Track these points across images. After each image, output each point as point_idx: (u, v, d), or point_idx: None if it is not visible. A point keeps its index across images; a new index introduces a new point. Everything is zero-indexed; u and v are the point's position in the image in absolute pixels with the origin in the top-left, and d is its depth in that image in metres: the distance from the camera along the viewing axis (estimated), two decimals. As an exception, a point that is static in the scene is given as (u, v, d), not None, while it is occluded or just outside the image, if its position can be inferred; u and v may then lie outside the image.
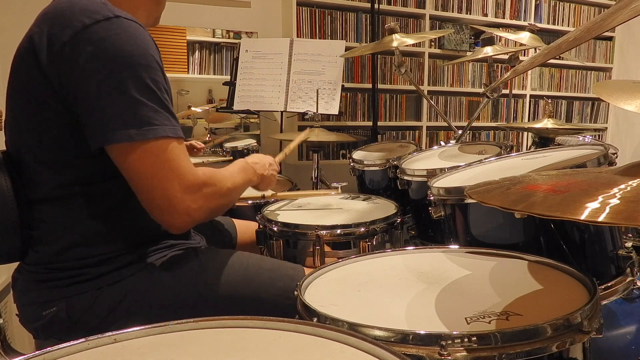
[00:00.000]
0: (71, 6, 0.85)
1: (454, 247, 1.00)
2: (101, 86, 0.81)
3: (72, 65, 0.81)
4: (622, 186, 0.51)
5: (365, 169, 1.89)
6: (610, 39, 4.05)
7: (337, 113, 2.51)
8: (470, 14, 3.44)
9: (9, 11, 2.28)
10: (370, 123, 3.09)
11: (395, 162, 1.68)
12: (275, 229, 1.26)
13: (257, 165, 1.16)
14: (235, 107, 2.56)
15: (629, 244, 0.99)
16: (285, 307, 0.94)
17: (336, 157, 3.16)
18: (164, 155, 0.84)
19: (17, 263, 0.97)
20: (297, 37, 2.89)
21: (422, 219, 1.44)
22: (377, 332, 0.62)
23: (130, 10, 0.91)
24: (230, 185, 0.98)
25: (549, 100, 1.91)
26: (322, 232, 1.20)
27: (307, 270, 1.04)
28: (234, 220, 1.44)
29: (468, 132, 2.64)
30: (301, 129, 2.64)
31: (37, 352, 0.54)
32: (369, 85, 3.08)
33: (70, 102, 0.84)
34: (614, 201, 0.48)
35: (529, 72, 3.67)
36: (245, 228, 1.43)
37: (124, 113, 0.81)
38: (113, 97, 0.81)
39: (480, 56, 2.07)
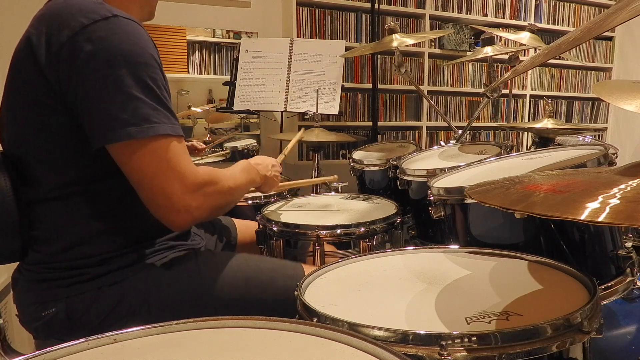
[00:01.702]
0: (68, 7, 0.85)
1: (454, 247, 1.00)
2: (100, 85, 0.81)
3: (71, 65, 0.81)
4: (622, 186, 0.51)
5: (365, 169, 1.89)
6: (610, 39, 4.05)
7: (337, 113, 2.51)
8: (470, 14, 3.44)
9: (8, 11, 2.28)
10: (370, 123, 3.09)
11: (395, 162, 1.68)
12: (275, 229, 1.26)
13: (260, 166, 1.17)
14: (235, 107, 2.56)
15: (629, 244, 0.99)
16: (286, 307, 0.94)
17: (336, 157, 3.16)
18: (164, 154, 0.84)
19: (17, 263, 0.97)
20: (297, 37, 2.88)
21: (422, 219, 1.44)
22: (377, 332, 0.62)
23: (122, 3, 0.92)
24: (232, 185, 0.98)
25: (549, 100, 1.91)
26: (322, 232, 1.20)
27: (306, 269, 1.04)
28: (234, 220, 1.44)
29: (468, 132, 2.64)
30: (301, 128, 2.64)
31: (37, 352, 0.54)
32: (369, 85, 3.08)
33: (69, 102, 0.84)
34: (614, 201, 0.47)
35: (529, 72, 3.67)
36: (245, 228, 1.43)
37: (123, 111, 0.81)
38: (112, 96, 0.81)
39: (480, 56, 2.07)
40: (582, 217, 0.46)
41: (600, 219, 0.45)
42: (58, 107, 0.85)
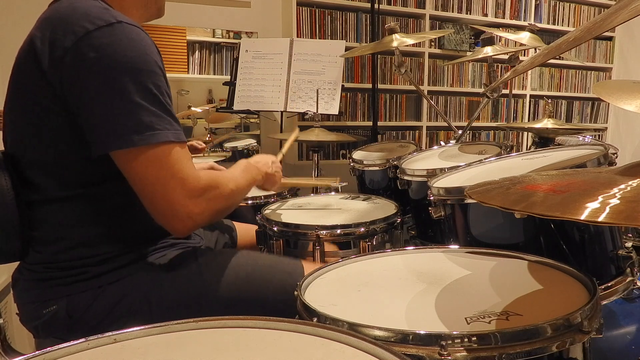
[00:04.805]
0: (73, 11, 0.84)
1: (454, 247, 1.00)
2: (103, 92, 0.81)
3: (74, 71, 0.82)
4: (622, 186, 0.51)
5: (365, 169, 1.89)
6: (610, 39, 4.05)
7: (337, 113, 2.51)
8: (470, 14, 3.44)
9: (8, 11, 2.28)
10: (370, 123, 3.09)
11: (395, 162, 1.68)
12: (275, 229, 1.26)
13: (260, 163, 1.17)
14: (235, 107, 2.55)
15: (629, 244, 0.99)
16: (285, 303, 0.94)
17: (336, 157, 3.16)
18: (166, 161, 0.84)
19: (17, 262, 0.97)
20: (297, 37, 2.88)
21: (422, 219, 1.44)
22: (377, 332, 0.62)
23: (125, 5, 0.92)
24: (233, 187, 0.98)
25: (549, 100, 1.91)
26: (322, 232, 1.20)
27: (305, 265, 1.04)
28: (234, 222, 1.44)
29: (468, 132, 2.64)
30: (301, 129, 2.64)
31: (37, 352, 0.54)
32: (369, 85, 3.08)
33: (72, 107, 0.84)
34: (614, 201, 0.47)
35: (529, 72, 3.67)
36: (245, 230, 1.43)
37: (126, 119, 0.82)
38: (115, 103, 0.81)
39: (480, 56, 2.07)
40: (582, 217, 0.46)
41: (600, 219, 0.45)
42: (60, 110, 0.85)
